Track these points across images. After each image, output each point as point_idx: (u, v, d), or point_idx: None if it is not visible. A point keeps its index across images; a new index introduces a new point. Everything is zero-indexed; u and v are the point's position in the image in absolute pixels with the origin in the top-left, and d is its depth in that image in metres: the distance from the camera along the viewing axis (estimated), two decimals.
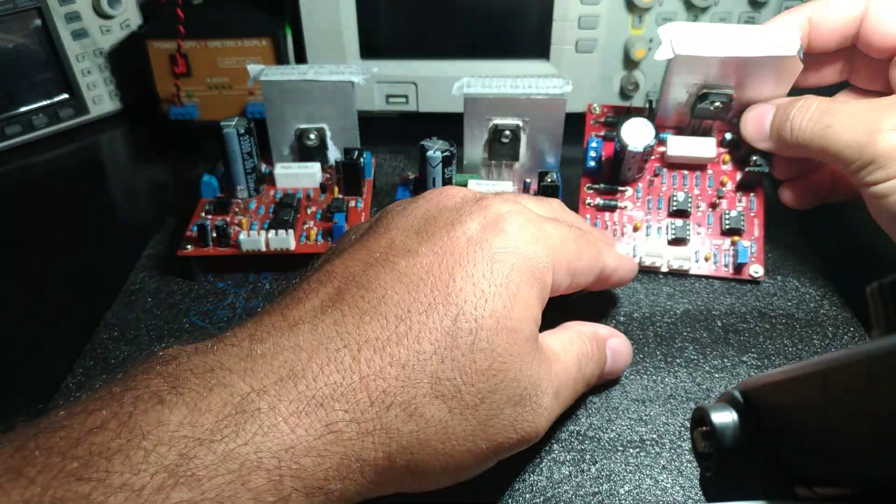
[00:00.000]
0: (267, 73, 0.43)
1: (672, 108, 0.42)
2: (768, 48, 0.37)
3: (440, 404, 0.23)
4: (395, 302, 0.24)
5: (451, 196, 0.29)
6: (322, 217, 0.42)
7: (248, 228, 0.40)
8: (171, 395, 0.21)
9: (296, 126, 0.44)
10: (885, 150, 0.33)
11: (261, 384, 0.22)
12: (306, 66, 0.43)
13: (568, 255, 0.29)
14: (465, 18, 0.50)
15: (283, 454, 0.21)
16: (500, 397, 0.24)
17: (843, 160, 0.34)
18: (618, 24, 0.50)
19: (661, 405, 0.33)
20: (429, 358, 0.23)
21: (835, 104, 0.36)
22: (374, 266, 0.26)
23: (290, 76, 0.43)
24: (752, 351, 0.36)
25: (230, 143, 0.40)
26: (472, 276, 0.25)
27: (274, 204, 0.42)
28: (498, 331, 0.24)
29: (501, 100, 0.41)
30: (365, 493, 0.23)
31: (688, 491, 0.29)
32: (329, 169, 0.45)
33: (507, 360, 0.24)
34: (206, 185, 0.42)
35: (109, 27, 0.54)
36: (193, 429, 0.20)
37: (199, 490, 0.19)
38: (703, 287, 0.40)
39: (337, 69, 0.43)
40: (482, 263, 0.25)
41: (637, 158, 0.40)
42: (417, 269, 0.25)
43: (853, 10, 0.37)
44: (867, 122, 0.34)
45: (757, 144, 0.39)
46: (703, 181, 0.42)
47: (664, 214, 0.41)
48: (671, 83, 0.40)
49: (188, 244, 0.39)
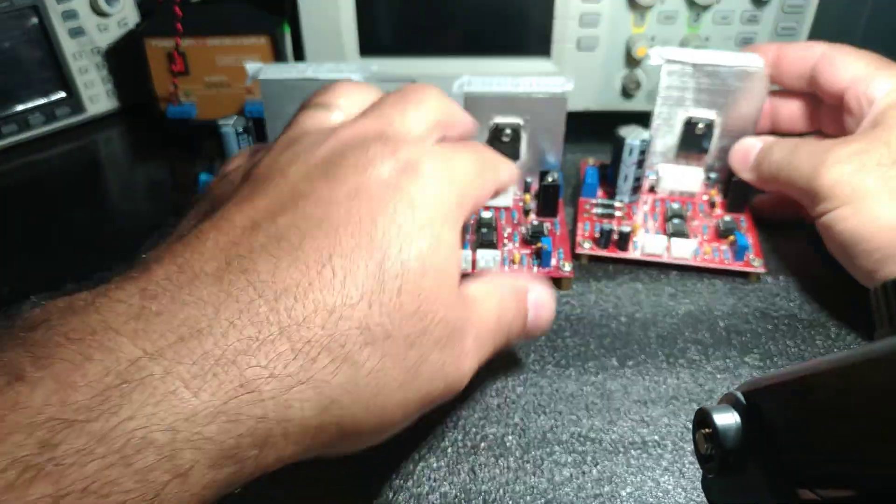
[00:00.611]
0: (265, 72, 0.42)
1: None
2: (738, 61, 0.41)
3: (371, 351, 0.22)
4: (313, 248, 0.22)
5: (342, 134, 0.27)
6: None
7: None
8: (34, 368, 0.18)
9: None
10: (828, 183, 0.35)
11: (155, 346, 0.19)
12: (305, 65, 0.43)
13: (476, 189, 0.28)
14: (466, 16, 0.50)
15: (180, 424, 0.18)
16: (427, 340, 0.24)
17: (799, 193, 0.38)
18: (619, 22, 0.50)
19: (663, 406, 0.33)
20: (356, 303, 0.22)
21: (804, 143, 0.39)
22: (281, 213, 0.24)
23: (289, 74, 0.42)
24: (754, 352, 0.36)
25: (228, 141, 0.40)
26: (395, 220, 0.24)
27: None
28: (424, 272, 0.24)
29: (502, 98, 0.41)
30: (287, 459, 0.21)
31: (690, 493, 0.29)
32: None
33: (434, 301, 0.24)
34: (205, 184, 0.42)
35: (107, 25, 0.54)
36: (62, 408, 0.17)
37: (67, 481, 0.16)
38: (705, 287, 0.39)
39: (336, 67, 0.43)
40: (402, 207, 0.24)
41: (634, 154, 0.41)
42: (333, 215, 0.24)
43: (812, 52, 0.41)
44: (816, 157, 0.36)
45: (740, 174, 0.42)
46: (694, 206, 0.44)
47: (660, 219, 0.43)
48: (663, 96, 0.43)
49: None
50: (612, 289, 0.39)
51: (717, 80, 0.42)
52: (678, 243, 0.39)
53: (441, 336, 0.24)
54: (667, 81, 0.42)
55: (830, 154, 0.36)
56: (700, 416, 0.23)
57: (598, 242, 0.40)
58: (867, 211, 0.34)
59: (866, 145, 0.35)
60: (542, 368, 0.35)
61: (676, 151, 0.45)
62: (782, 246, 0.42)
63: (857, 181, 0.35)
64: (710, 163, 0.45)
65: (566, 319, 0.37)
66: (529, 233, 0.40)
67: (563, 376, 0.34)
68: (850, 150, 0.36)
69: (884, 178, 0.34)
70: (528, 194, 0.43)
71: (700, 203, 0.44)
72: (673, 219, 0.41)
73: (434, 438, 0.31)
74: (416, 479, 0.30)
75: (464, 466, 0.30)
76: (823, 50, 0.40)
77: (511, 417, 0.32)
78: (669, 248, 0.40)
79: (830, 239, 0.36)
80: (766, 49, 0.42)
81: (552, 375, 0.34)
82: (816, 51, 0.40)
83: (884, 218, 0.34)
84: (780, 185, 0.39)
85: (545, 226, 0.41)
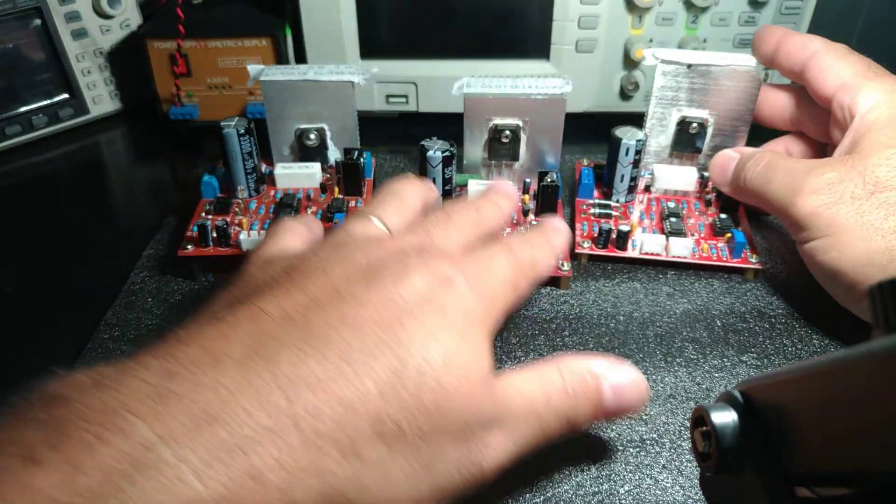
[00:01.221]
0: (267, 73, 0.43)
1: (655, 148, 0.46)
2: (730, 61, 0.42)
3: (380, 446, 0.22)
4: (338, 345, 0.23)
5: (386, 245, 0.28)
6: (322, 217, 0.42)
7: (248, 228, 0.40)
8: (49, 450, 0.18)
9: (296, 126, 0.44)
10: (806, 212, 0.35)
11: (170, 430, 0.19)
12: (306, 66, 0.44)
13: (509, 297, 0.28)
14: (465, 18, 0.50)
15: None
16: (443, 436, 0.23)
17: (777, 215, 0.38)
18: (618, 23, 0.50)
19: (661, 405, 0.33)
20: (372, 397, 0.22)
21: (779, 159, 0.38)
22: (315, 310, 0.24)
23: (291, 76, 0.43)
24: (751, 350, 0.36)
25: (230, 143, 0.40)
26: (423, 323, 0.24)
27: (274, 204, 0.42)
28: (447, 369, 0.23)
29: (501, 100, 0.41)
30: None
31: (688, 490, 0.29)
32: (329, 169, 0.45)
33: (457, 398, 0.24)
34: (207, 185, 0.42)
35: (109, 27, 0.54)
36: (72, 495, 0.17)
37: None
38: (703, 286, 0.40)
39: (337, 69, 0.43)
40: (432, 313, 0.25)
41: (630, 154, 0.41)
42: (365, 317, 0.24)
43: (807, 49, 0.40)
44: (794, 182, 0.36)
45: (720, 188, 0.42)
46: (689, 205, 0.44)
47: (657, 218, 0.43)
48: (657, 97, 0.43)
49: (188, 244, 0.39)
50: (611, 288, 0.40)
51: (710, 80, 0.42)
52: (676, 242, 0.40)
53: (458, 431, 0.24)
54: (661, 82, 0.43)
55: (806, 183, 0.35)
56: (698, 415, 0.23)
57: (596, 242, 0.41)
58: (844, 247, 0.34)
59: (842, 174, 0.35)
60: None
61: (670, 151, 0.45)
62: (779, 245, 0.42)
63: (832, 214, 0.34)
64: (703, 162, 0.45)
65: (565, 319, 0.38)
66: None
67: None
68: (825, 181, 0.35)
69: (859, 211, 0.34)
70: (527, 195, 0.43)
71: (695, 201, 0.44)
72: (669, 217, 0.42)
73: None
74: None
75: None
76: (817, 49, 0.39)
77: None
78: (668, 246, 0.40)
79: (812, 266, 0.36)
80: (772, 32, 0.42)
81: None
82: (811, 48, 0.40)
83: (861, 255, 0.33)
84: (757, 203, 0.39)
85: None
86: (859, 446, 0.18)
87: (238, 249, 0.39)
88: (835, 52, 0.39)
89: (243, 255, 0.39)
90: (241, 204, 0.42)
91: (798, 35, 0.41)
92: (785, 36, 0.41)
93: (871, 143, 0.35)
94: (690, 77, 0.42)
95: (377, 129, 0.55)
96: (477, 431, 0.24)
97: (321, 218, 0.42)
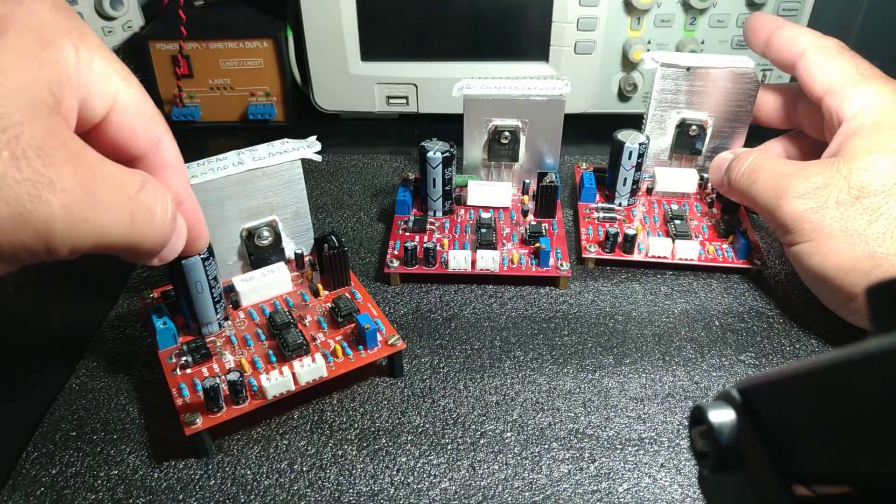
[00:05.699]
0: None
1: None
2: (729, 63, 0.42)
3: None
4: None
5: None
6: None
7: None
8: None
9: (240, 227, 0.36)
10: (791, 216, 0.35)
11: None
12: (234, 153, 0.35)
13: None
14: (465, 20, 0.51)
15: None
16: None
17: (764, 216, 0.38)
18: (616, 25, 0.50)
19: (660, 404, 0.33)
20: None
21: (765, 160, 0.38)
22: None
23: (224, 171, 0.34)
24: (749, 350, 0.36)
25: (195, 273, 0.32)
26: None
27: (262, 330, 0.37)
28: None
29: (501, 101, 0.41)
30: None
31: (686, 489, 0.30)
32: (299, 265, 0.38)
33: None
34: (164, 332, 0.33)
35: (111, 28, 0.55)
36: None
37: None
38: (701, 287, 0.40)
39: (272, 148, 0.35)
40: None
41: (633, 157, 0.41)
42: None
43: (795, 48, 0.39)
44: (778, 185, 0.36)
45: (718, 190, 0.42)
46: (690, 206, 0.44)
47: (660, 221, 0.43)
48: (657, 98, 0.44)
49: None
50: (610, 288, 0.40)
51: (710, 83, 0.42)
52: (682, 244, 0.40)
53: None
54: (660, 85, 0.43)
55: (791, 186, 0.35)
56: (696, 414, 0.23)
57: (603, 246, 0.41)
58: (828, 252, 0.34)
59: (827, 179, 0.35)
60: (540, 366, 0.35)
61: (670, 153, 0.45)
62: (777, 246, 0.43)
63: (816, 219, 0.34)
64: (703, 164, 0.45)
65: (564, 318, 0.38)
66: (528, 233, 0.41)
67: (561, 374, 0.35)
68: (810, 185, 0.35)
69: (843, 217, 0.34)
70: (526, 195, 0.44)
71: (696, 203, 0.44)
72: (674, 220, 0.42)
73: (434, 435, 0.32)
74: (416, 475, 0.30)
75: (463, 463, 0.31)
76: (806, 47, 0.39)
77: (510, 414, 0.33)
78: (674, 249, 0.40)
79: (798, 269, 0.37)
80: (763, 22, 0.41)
81: (550, 373, 0.35)
82: (801, 45, 0.39)
83: (845, 261, 0.34)
84: (745, 203, 0.39)
85: (543, 226, 0.41)
86: (857, 445, 0.18)
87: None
88: (824, 51, 0.39)
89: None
90: (216, 344, 0.34)
91: (788, 28, 0.40)
92: (775, 29, 0.40)
93: (857, 148, 0.35)
94: (690, 80, 0.42)
95: (377, 130, 0.55)
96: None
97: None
